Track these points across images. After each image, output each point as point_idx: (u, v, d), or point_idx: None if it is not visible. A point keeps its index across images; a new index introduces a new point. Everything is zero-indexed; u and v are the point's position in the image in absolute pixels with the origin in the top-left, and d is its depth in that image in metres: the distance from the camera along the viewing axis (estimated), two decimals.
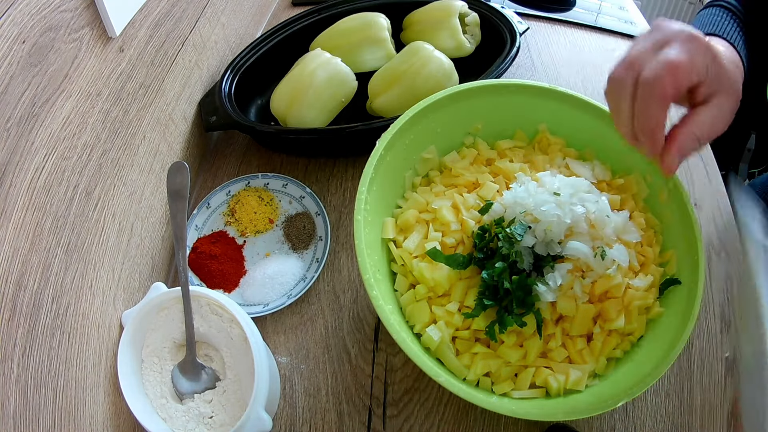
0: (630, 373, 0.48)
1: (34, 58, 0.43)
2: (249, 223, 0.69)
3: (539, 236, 0.50)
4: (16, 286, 0.41)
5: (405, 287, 0.55)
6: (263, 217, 0.69)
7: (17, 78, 0.41)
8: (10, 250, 0.41)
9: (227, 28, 0.84)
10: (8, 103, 0.40)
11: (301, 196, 0.71)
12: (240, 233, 0.69)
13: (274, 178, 0.72)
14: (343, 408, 0.56)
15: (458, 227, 0.54)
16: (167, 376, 0.52)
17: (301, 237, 0.67)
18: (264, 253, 0.67)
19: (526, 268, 0.50)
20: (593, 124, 0.60)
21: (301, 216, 0.69)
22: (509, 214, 0.52)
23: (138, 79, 0.59)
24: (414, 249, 0.54)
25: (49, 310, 0.44)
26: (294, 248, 0.67)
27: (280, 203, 0.71)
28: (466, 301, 0.51)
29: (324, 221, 0.68)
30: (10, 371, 0.40)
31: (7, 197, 0.41)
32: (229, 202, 0.71)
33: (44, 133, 0.44)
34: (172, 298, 0.53)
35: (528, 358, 0.50)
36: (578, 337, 0.50)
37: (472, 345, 0.51)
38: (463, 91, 0.60)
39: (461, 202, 0.56)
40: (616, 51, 0.96)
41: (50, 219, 0.45)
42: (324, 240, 0.66)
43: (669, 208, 0.55)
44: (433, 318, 0.52)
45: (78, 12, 0.48)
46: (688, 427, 0.56)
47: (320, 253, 0.66)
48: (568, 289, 0.50)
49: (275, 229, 0.69)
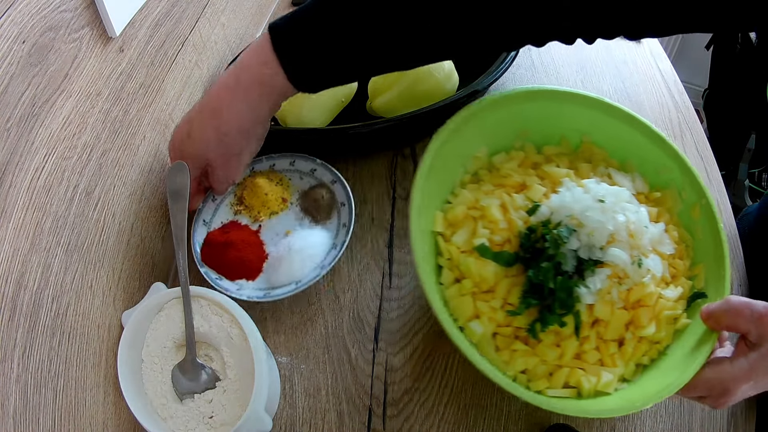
0: (656, 379, 0.50)
1: (34, 58, 0.43)
2: (261, 207, 0.66)
3: (583, 240, 0.51)
4: (16, 286, 0.41)
5: (450, 281, 0.55)
6: (275, 197, 0.66)
7: (17, 78, 0.41)
8: (10, 250, 0.41)
9: (227, 28, 0.84)
10: (8, 103, 0.40)
11: (312, 169, 0.68)
12: (253, 219, 0.66)
13: (279, 158, 0.69)
14: (343, 408, 0.56)
15: (506, 226, 0.55)
16: (167, 376, 0.52)
17: (320, 208, 0.65)
18: (284, 232, 0.65)
19: (569, 270, 0.51)
20: (635, 137, 0.62)
21: (317, 188, 0.67)
22: (555, 216, 0.53)
23: (138, 79, 0.59)
24: (462, 244, 0.55)
25: (49, 310, 0.44)
26: (315, 221, 0.65)
27: (291, 181, 0.69)
28: (510, 299, 0.52)
29: (343, 187, 0.65)
30: (10, 371, 0.40)
31: (7, 197, 0.41)
32: (235, 191, 0.68)
33: (44, 133, 0.44)
34: (172, 298, 0.53)
35: (564, 358, 0.51)
36: (611, 341, 0.52)
37: (511, 342, 0.52)
38: (519, 93, 0.61)
39: (509, 202, 0.57)
40: (616, 51, 0.96)
41: (50, 219, 0.45)
42: (347, 205, 0.64)
43: (700, 224, 0.57)
44: (476, 313, 0.53)
45: (78, 12, 0.48)
46: (688, 427, 0.56)
47: (346, 218, 0.64)
48: (606, 294, 0.51)
49: (291, 207, 0.67)
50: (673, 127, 0.83)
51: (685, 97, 0.89)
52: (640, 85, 0.90)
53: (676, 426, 0.56)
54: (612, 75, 0.91)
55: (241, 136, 0.55)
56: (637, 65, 0.94)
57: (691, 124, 0.85)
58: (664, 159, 0.60)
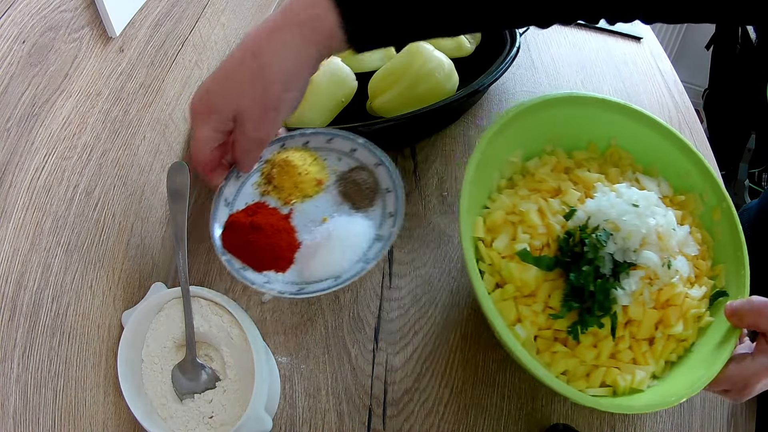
0: (684, 375, 0.52)
1: (34, 58, 0.43)
2: (293, 189, 0.58)
3: (618, 244, 0.53)
4: (16, 286, 0.41)
5: (491, 286, 0.56)
6: (309, 178, 0.58)
7: (17, 78, 0.41)
8: (10, 250, 0.41)
9: (227, 28, 0.84)
10: (8, 103, 0.40)
11: (352, 149, 0.59)
12: (283, 202, 0.58)
13: (314, 135, 0.60)
14: (343, 408, 0.56)
15: (544, 231, 0.56)
16: (167, 376, 0.52)
17: (362, 193, 0.58)
18: (320, 219, 0.57)
19: (607, 272, 0.52)
20: (659, 142, 0.64)
21: (358, 170, 0.59)
22: (592, 221, 0.55)
23: (138, 79, 0.59)
24: (503, 249, 0.56)
25: (49, 310, 0.44)
26: (356, 207, 0.58)
27: (327, 161, 0.60)
28: (550, 302, 0.54)
29: (388, 171, 0.58)
30: (10, 371, 0.40)
31: (7, 197, 0.41)
32: (262, 170, 0.59)
33: (44, 133, 0.44)
34: (172, 298, 0.53)
35: (600, 358, 0.52)
36: (643, 340, 0.53)
37: (552, 344, 0.53)
38: (551, 99, 0.62)
39: (546, 207, 0.58)
40: (616, 51, 0.96)
41: (50, 219, 0.45)
42: (393, 191, 0.57)
43: (721, 226, 0.60)
44: (518, 316, 0.54)
45: (78, 12, 0.48)
46: (688, 427, 0.57)
47: (392, 206, 0.56)
48: (639, 295, 0.53)
49: (328, 191, 0.59)
50: (673, 127, 0.83)
51: (685, 97, 0.89)
52: (640, 85, 0.90)
53: (676, 426, 0.56)
54: (612, 75, 0.91)
55: (283, 83, 0.49)
56: (637, 65, 0.94)
57: (691, 124, 0.85)
58: (685, 163, 0.63)
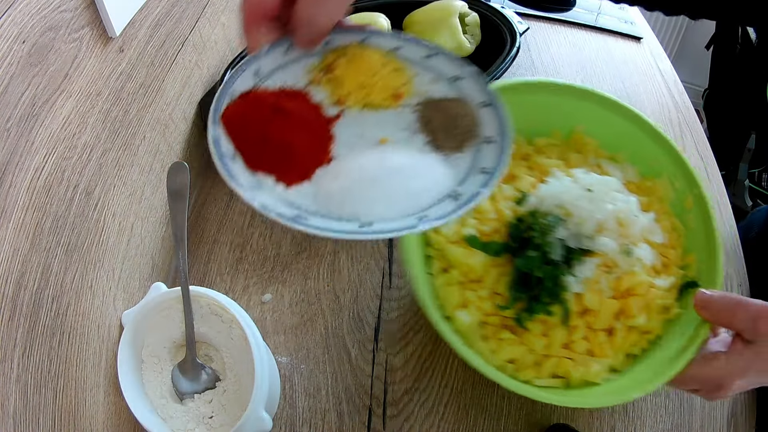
0: (646, 370, 0.50)
1: (34, 58, 0.43)
2: (357, 89, 0.43)
3: (571, 229, 0.52)
4: (16, 286, 0.41)
5: (438, 270, 0.56)
6: (384, 85, 0.44)
7: (17, 78, 0.41)
8: (10, 250, 0.40)
9: (227, 28, 0.84)
10: (8, 103, 0.40)
11: (456, 76, 0.44)
12: (335, 100, 0.43)
13: (412, 44, 0.44)
14: (343, 408, 0.56)
15: (495, 216, 0.56)
16: (167, 376, 0.52)
17: (451, 130, 0.43)
18: (376, 139, 0.42)
19: (557, 259, 0.51)
20: (627, 127, 0.62)
21: (454, 103, 0.45)
22: (544, 206, 0.53)
23: (138, 79, 0.59)
24: (450, 235, 0.56)
25: (49, 310, 0.44)
26: (437, 145, 0.43)
27: (416, 78, 0.45)
28: (498, 288, 0.53)
29: (498, 117, 0.43)
30: (10, 371, 0.40)
31: (7, 197, 0.40)
32: (324, 53, 0.43)
33: (44, 133, 0.44)
34: (172, 298, 0.53)
35: (551, 347, 0.51)
36: (600, 330, 0.52)
37: (499, 331, 0.52)
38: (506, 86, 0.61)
39: (498, 192, 0.57)
40: (616, 51, 0.96)
41: (50, 219, 0.45)
42: (499, 143, 0.42)
43: (693, 214, 0.57)
44: (463, 302, 0.53)
45: (78, 12, 0.48)
46: (688, 427, 0.56)
47: (489, 161, 0.41)
48: (595, 283, 0.51)
49: (402, 110, 0.44)
50: (673, 127, 0.83)
51: (685, 97, 0.89)
52: (640, 85, 0.90)
53: (676, 426, 0.56)
54: (612, 75, 0.91)
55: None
56: (637, 65, 0.94)
57: (691, 124, 0.85)
58: (655, 149, 0.60)
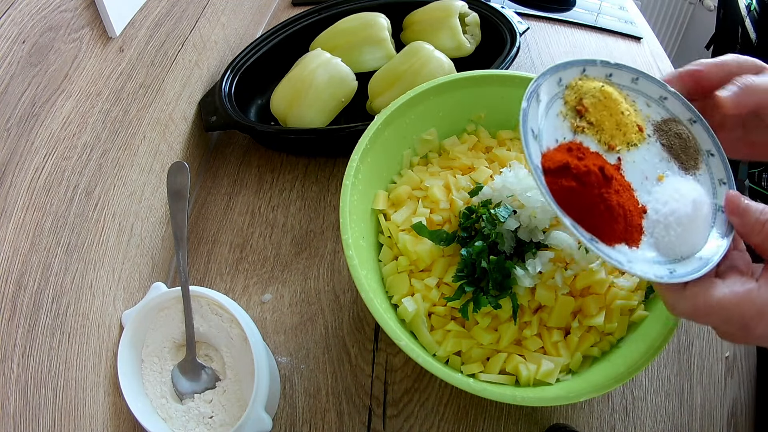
0: (603, 373, 0.48)
1: (34, 58, 0.43)
2: (615, 131, 0.44)
3: (524, 222, 0.50)
4: (16, 286, 0.41)
5: (389, 258, 0.56)
6: (632, 121, 0.45)
7: (17, 78, 0.41)
8: (10, 250, 0.40)
9: (227, 28, 0.84)
10: (8, 103, 0.40)
11: (662, 96, 0.47)
12: (605, 146, 0.44)
13: (618, 69, 0.47)
14: (343, 408, 0.56)
15: (447, 206, 0.56)
16: (167, 376, 0.52)
17: (686, 150, 0.46)
18: (655, 176, 0.44)
19: (506, 251, 0.50)
20: None
21: (673, 123, 0.47)
22: (497, 197, 0.53)
23: (138, 79, 0.59)
24: (402, 222, 0.56)
25: (49, 310, 0.44)
26: (684, 167, 0.45)
27: (636, 103, 0.47)
28: (446, 278, 0.52)
29: (707, 130, 0.46)
30: (10, 371, 0.40)
31: (7, 197, 0.40)
32: (564, 96, 0.45)
33: (44, 133, 0.44)
34: (172, 298, 0.53)
35: (501, 342, 0.50)
36: (555, 329, 0.50)
37: (446, 322, 0.52)
38: (466, 78, 0.62)
39: (453, 182, 0.58)
40: (616, 51, 0.96)
41: (50, 219, 0.45)
42: (717, 155, 0.45)
43: None
44: (411, 290, 0.53)
45: (78, 12, 0.48)
46: (688, 427, 0.56)
47: (721, 173, 0.45)
48: (549, 278, 0.50)
49: (649, 140, 0.45)
50: None
51: None
52: None
53: (676, 426, 0.56)
54: None
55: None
56: (637, 65, 0.94)
57: None
58: None
